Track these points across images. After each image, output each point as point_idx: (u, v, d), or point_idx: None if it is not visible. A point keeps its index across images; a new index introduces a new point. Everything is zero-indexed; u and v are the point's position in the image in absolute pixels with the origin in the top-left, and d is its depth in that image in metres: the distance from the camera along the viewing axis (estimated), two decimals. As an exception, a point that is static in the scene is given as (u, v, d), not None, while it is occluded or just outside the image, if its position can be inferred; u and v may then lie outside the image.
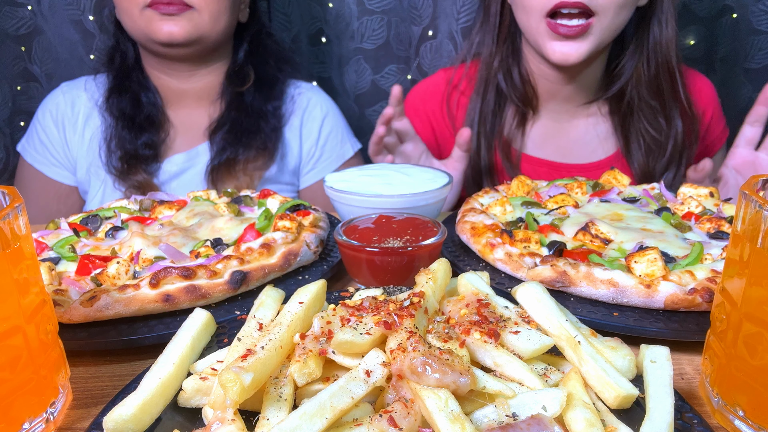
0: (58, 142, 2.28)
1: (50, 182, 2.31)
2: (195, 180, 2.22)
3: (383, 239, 1.23)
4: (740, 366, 0.81)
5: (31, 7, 2.55)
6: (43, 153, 2.29)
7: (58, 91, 2.32)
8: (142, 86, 2.23)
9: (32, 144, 2.31)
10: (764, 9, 2.66)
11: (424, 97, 2.31)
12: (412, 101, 2.34)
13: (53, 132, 2.28)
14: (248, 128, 2.20)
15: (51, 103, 2.30)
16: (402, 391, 0.72)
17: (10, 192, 0.84)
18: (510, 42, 2.11)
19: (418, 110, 2.31)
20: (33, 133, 2.32)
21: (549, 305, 0.86)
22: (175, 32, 2.01)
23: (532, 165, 2.17)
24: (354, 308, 0.83)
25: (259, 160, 2.20)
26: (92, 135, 2.24)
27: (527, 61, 2.12)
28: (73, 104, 2.28)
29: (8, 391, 0.79)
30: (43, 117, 2.29)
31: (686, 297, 1.06)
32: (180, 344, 0.86)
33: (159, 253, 1.26)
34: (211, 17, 2.05)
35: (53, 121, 2.28)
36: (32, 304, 0.82)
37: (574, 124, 2.19)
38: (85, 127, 2.26)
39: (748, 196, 0.79)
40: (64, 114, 2.28)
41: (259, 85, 2.27)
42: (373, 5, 2.67)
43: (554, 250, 1.22)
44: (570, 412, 0.72)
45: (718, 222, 1.32)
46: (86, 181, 2.27)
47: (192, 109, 2.29)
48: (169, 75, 2.25)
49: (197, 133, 2.26)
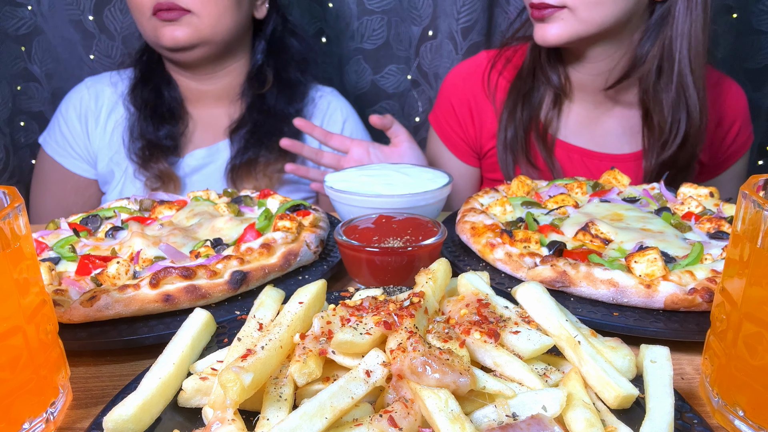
0: (79, 136, 2.32)
1: (69, 175, 2.35)
2: (215, 176, 2.25)
3: (383, 239, 1.23)
4: (740, 366, 0.81)
5: (31, 7, 2.55)
6: (64, 146, 2.33)
7: (83, 85, 2.37)
8: (165, 81, 2.28)
9: (53, 137, 2.35)
10: (764, 9, 2.66)
11: (464, 76, 2.33)
12: (453, 81, 2.35)
13: (75, 125, 2.32)
14: (270, 130, 2.22)
15: (75, 97, 2.34)
16: (402, 391, 0.72)
17: (10, 192, 0.84)
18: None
19: (458, 89, 2.33)
20: (55, 126, 2.35)
21: (549, 305, 0.86)
22: (178, 37, 2.05)
23: (566, 151, 2.20)
24: (354, 308, 0.83)
25: (279, 163, 2.21)
26: (114, 127, 2.30)
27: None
28: (97, 98, 2.33)
29: (8, 391, 0.79)
30: (66, 110, 2.33)
31: (686, 297, 1.06)
32: (180, 344, 0.86)
33: (159, 253, 1.26)
34: (211, 20, 2.06)
35: (76, 114, 2.32)
36: (32, 304, 0.82)
37: (608, 115, 2.21)
38: (108, 120, 2.31)
39: (748, 196, 0.79)
40: (88, 108, 2.32)
41: (281, 87, 2.29)
42: (373, 5, 2.67)
43: (554, 250, 1.22)
44: (570, 412, 0.72)
45: (718, 222, 1.32)
46: (107, 173, 2.31)
47: (212, 108, 2.33)
48: (188, 77, 2.29)
49: (218, 130, 2.30)
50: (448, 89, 2.36)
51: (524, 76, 2.17)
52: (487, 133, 2.29)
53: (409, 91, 2.85)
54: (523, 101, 2.17)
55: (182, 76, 2.29)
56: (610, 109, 2.20)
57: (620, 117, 2.20)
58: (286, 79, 2.29)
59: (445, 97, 2.37)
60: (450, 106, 2.34)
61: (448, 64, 2.68)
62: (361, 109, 2.87)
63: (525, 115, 2.16)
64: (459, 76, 2.36)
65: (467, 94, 2.32)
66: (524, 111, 2.16)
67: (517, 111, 2.16)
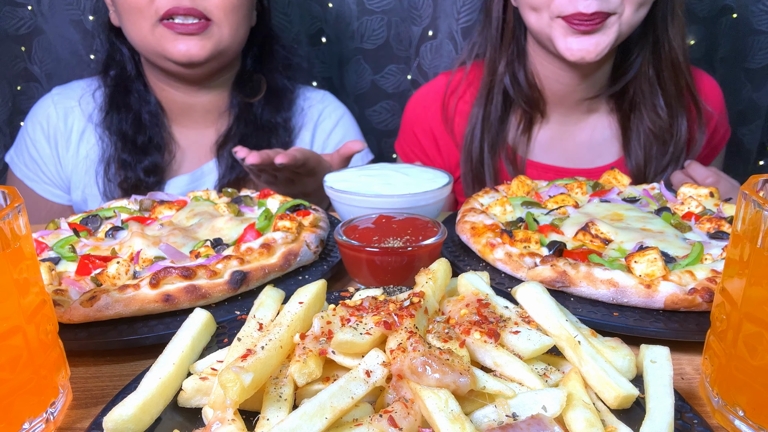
0: (50, 160, 2.11)
1: (42, 200, 2.16)
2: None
3: (383, 239, 1.23)
4: (740, 366, 0.81)
5: (31, 7, 2.55)
6: (35, 170, 2.13)
7: (49, 100, 2.14)
8: (143, 101, 2.05)
9: (22, 158, 2.15)
10: (764, 9, 2.66)
11: (425, 104, 2.25)
12: (414, 109, 2.28)
13: (44, 148, 2.10)
14: (257, 143, 2.06)
15: (41, 114, 2.12)
16: (402, 391, 0.72)
17: (10, 192, 0.84)
18: (515, 44, 2.05)
19: (419, 118, 2.25)
20: (23, 146, 2.14)
21: (549, 305, 0.86)
22: (194, 52, 1.85)
23: (538, 171, 2.12)
24: (354, 308, 0.83)
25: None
26: (87, 153, 2.08)
27: (534, 64, 2.05)
28: (66, 117, 2.10)
29: (8, 391, 0.79)
30: (33, 130, 2.11)
31: (686, 297, 1.06)
32: (180, 344, 0.86)
33: (159, 253, 1.26)
34: (231, 29, 1.90)
35: (44, 136, 2.11)
36: (32, 304, 0.82)
37: (581, 128, 2.14)
38: (79, 145, 2.10)
39: (748, 196, 0.79)
40: (56, 128, 2.10)
41: (269, 96, 2.15)
42: (373, 5, 2.67)
43: (554, 250, 1.22)
44: (570, 412, 0.72)
45: (718, 222, 1.32)
46: (81, 202, 2.14)
47: (198, 124, 2.15)
48: (176, 89, 2.09)
49: (204, 151, 2.14)
50: (410, 118, 2.28)
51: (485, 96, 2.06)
52: (455, 161, 2.20)
53: (409, 91, 2.85)
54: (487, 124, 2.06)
55: (171, 88, 2.08)
56: (580, 120, 2.12)
57: (593, 128, 2.13)
58: (273, 86, 2.17)
59: (408, 126, 2.29)
60: (413, 136, 2.26)
61: (448, 64, 2.67)
62: (361, 109, 2.88)
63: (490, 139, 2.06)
64: (419, 104, 2.26)
65: (429, 123, 2.23)
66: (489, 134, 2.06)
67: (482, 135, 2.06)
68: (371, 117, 2.89)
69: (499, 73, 2.05)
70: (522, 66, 2.05)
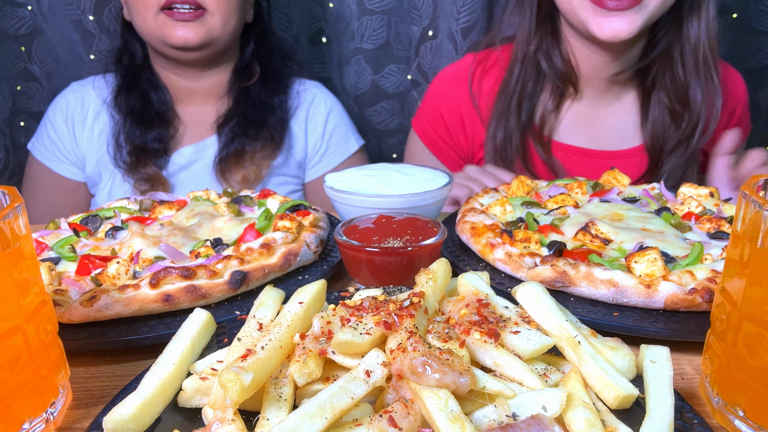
0: (67, 139, 2.35)
1: (58, 178, 2.38)
2: (203, 171, 2.28)
3: (383, 239, 1.23)
4: (740, 366, 0.81)
5: (31, 7, 2.55)
6: (52, 150, 2.36)
7: (69, 90, 2.39)
8: (152, 84, 2.30)
9: (41, 141, 2.38)
10: (764, 9, 2.66)
11: (453, 82, 2.26)
12: (440, 87, 2.29)
13: (63, 129, 2.35)
14: (255, 120, 2.27)
15: (61, 102, 2.37)
16: (402, 391, 0.72)
17: (10, 192, 0.84)
18: (550, 22, 2.04)
19: (446, 96, 2.26)
20: (43, 131, 2.38)
21: (549, 305, 0.86)
22: (189, 37, 2.08)
23: (563, 152, 2.12)
24: (354, 308, 0.83)
25: (266, 150, 2.27)
26: (101, 130, 2.32)
27: (568, 44, 2.04)
28: (83, 102, 2.35)
29: (8, 391, 0.79)
30: (53, 115, 2.36)
31: (686, 297, 1.06)
32: (180, 344, 0.86)
33: (159, 253, 1.26)
34: (222, 19, 2.12)
35: (63, 118, 2.35)
36: (32, 304, 0.82)
37: (611, 111, 2.13)
38: (94, 123, 2.34)
39: (748, 196, 0.79)
40: (74, 111, 2.34)
41: (266, 80, 2.35)
42: (373, 5, 2.67)
43: (554, 250, 1.22)
44: (570, 412, 0.72)
45: (718, 222, 1.32)
46: (95, 175, 2.34)
47: (200, 106, 2.36)
48: (179, 75, 2.32)
49: (206, 127, 2.34)
50: (435, 96, 2.29)
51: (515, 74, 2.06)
52: (479, 141, 2.22)
53: (409, 91, 2.85)
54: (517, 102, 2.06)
55: (173, 74, 2.32)
56: (609, 104, 2.13)
57: (620, 113, 2.14)
58: (269, 70, 2.36)
59: (432, 104, 2.29)
60: (438, 114, 2.27)
61: (447, 64, 2.67)
62: (361, 109, 2.87)
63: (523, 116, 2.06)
64: (446, 82, 2.28)
65: (456, 101, 2.23)
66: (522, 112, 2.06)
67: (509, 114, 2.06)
68: (371, 117, 2.88)
69: (531, 51, 2.04)
70: (557, 45, 2.04)
